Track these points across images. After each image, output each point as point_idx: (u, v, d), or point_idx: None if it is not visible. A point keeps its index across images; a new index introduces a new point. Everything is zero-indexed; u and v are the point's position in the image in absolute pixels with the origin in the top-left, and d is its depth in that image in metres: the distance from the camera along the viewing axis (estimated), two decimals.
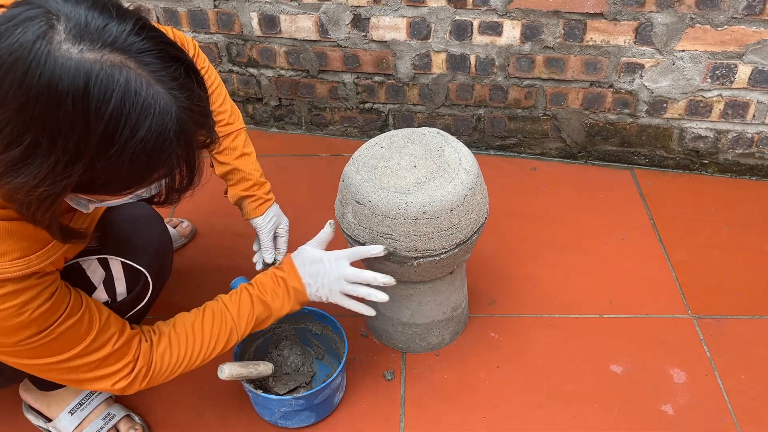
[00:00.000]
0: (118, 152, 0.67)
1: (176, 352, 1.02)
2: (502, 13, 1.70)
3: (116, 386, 0.97)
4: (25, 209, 0.72)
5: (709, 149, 1.84)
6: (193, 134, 0.73)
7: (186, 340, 1.04)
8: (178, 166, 0.74)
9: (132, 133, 0.67)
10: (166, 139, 0.69)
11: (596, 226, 1.71)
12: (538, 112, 1.87)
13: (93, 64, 0.64)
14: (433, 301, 1.32)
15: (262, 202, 1.31)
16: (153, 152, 0.69)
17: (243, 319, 1.08)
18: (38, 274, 0.84)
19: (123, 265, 1.06)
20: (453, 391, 1.34)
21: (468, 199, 1.16)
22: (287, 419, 1.25)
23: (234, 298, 1.09)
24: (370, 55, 1.84)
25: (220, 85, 1.27)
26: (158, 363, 1.00)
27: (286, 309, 1.12)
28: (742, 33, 1.61)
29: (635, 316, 1.48)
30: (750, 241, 1.66)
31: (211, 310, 1.08)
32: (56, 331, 0.87)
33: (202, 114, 0.74)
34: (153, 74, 0.68)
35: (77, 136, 0.65)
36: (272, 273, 1.12)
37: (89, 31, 0.65)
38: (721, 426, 1.27)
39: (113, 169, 0.69)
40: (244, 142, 1.28)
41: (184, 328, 1.04)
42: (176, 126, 0.70)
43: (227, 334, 1.07)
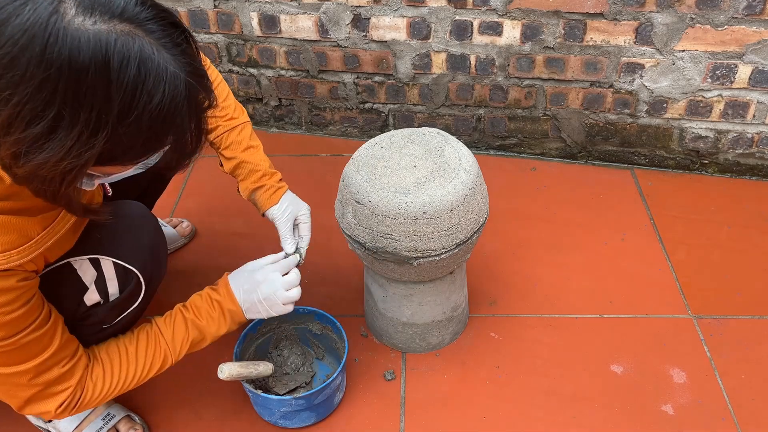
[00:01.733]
0: (136, 119, 0.69)
1: (109, 378, 1.02)
2: (502, 13, 1.70)
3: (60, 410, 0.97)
4: (47, 185, 0.73)
5: (709, 149, 1.84)
6: (198, 96, 0.76)
7: (120, 366, 1.04)
8: (189, 128, 0.76)
9: (149, 98, 0.69)
10: (178, 102, 0.71)
11: (596, 226, 1.71)
12: (538, 112, 1.87)
13: (108, 34, 0.66)
14: (433, 301, 1.32)
15: (275, 191, 1.27)
16: (168, 116, 0.71)
17: (177, 343, 1.09)
18: (19, 275, 0.84)
19: (115, 265, 1.06)
20: (453, 391, 1.34)
21: (468, 199, 1.16)
22: (287, 419, 1.25)
23: (168, 321, 1.10)
24: (370, 55, 1.84)
25: (222, 82, 1.26)
26: (90, 390, 1.00)
27: (222, 331, 1.12)
28: (743, 33, 1.61)
29: (635, 316, 1.48)
30: (750, 241, 1.66)
31: (146, 334, 1.08)
32: (21, 341, 0.87)
33: (202, 76, 0.76)
34: (159, 41, 0.70)
35: (99, 106, 0.67)
36: (207, 295, 1.13)
37: (98, 2, 0.67)
38: (721, 426, 1.27)
39: (132, 136, 0.71)
40: (249, 135, 1.27)
41: (117, 353, 1.05)
42: (185, 89, 0.72)
43: (161, 358, 1.08)
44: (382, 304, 1.36)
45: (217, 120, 1.24)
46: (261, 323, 1.31)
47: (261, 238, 1.66)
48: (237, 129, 1.25)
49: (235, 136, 1.25)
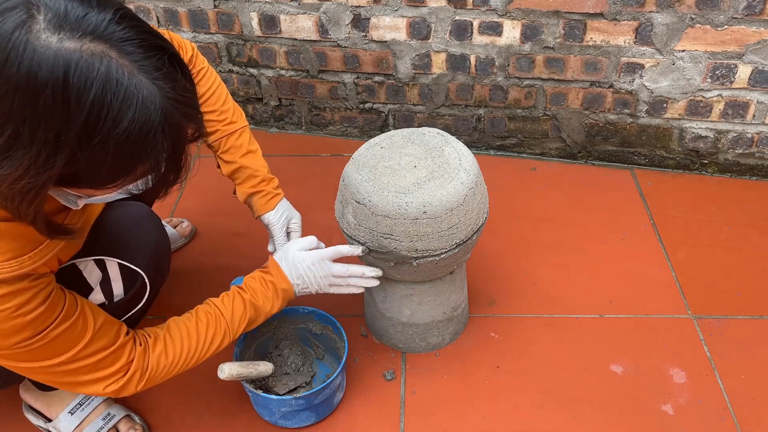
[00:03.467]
0: (100, 143, 0.66)
1: (171, 354, 1.03)
2: (502, 13, 1.70)
3: (108, 389, 0.97)
4: (8, 203, 0.71)
5: (709, 149, 1.84)
6: (180, 126, 0.72)
7: (181, 343, 1.05)
8: (165, 159, 0.72)
9: (114, 123, 0.66)
10: (150, 130, 0.68)
11: (596, 226, 1.71)
12: (538, 112, 1.87)
13: (72, 53, 0.63)
14: (433, 301, 1.32)
15: (272, 197, 1.29)
16: (137, 144, 0.68)
17: (236, 321, 1.10)
18: (32, 276, 0.83)
19: (120, 267, 1.06)
20: (453, 391, 1.34)
21: (468, 199, 1.16)
22: (287, 419, 1.25)
23: (227, 301, 1.11)
24: (370, 55, 1.84)
25: (221, 85, 1.26)
26: (154, 365, 1.01)
27: (276, 308, 1.15)
28: (742, 33, 1.61)
29: (635, 316, 1.48)
30: (750, 241, 1.66)
31: (205, 313, 1.09)
32: (51, 335, 0.87)
33: (188, 105, 0.72)
34: (135, 63, 0.67)
35: (58, 126, 0.64)
36: (260, 277, 1.15)
37: (69, 20, 0.64)
38: (721, 426, 1.27)
39: (97, 160, 0.68)
40: (248, 139, 1.28)
41: (179, 331, 1.05)
42: (161, 117, 0.68)
43: (221, 336, 1.09)
44: (382, 304, 1.36)
45: (215, 124, 1.24)
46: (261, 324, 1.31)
47: (261, 238, 1.66)
48: (236, 133, 1.26)
49: (234, 140, 1.26)
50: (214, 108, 1.23)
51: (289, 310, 1.33)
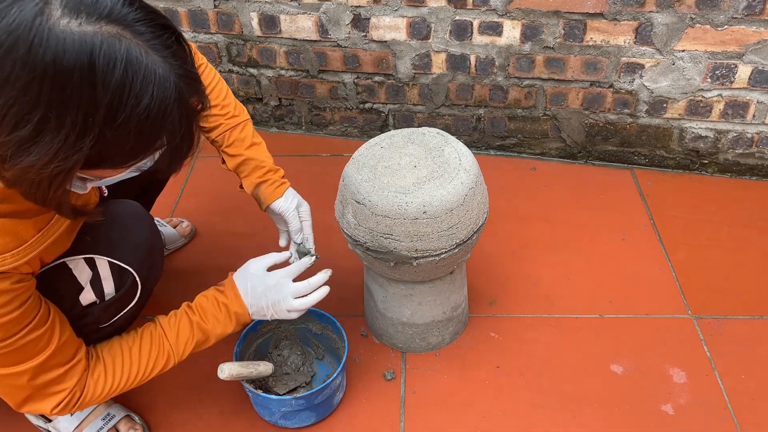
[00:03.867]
0: (124, 122, 0.68)
1: (110, 378, 1.02)
2: (502, 13, 1.70)
3: (57, 410, 0.97)
4: (35, 189, 0.72)
5: (709, 149, 1.84)
6: (190, 99, 0.75)
7: (122, 365, 1.03)
8: (180, 132, 0.75)
9: (137, 101, 0.68)
10: (168, 106, 0.71)
11: (596, 226, 1.71)
12: (538, 112, 1.87)
13: (94, 36, 0.65)
14: (433, 301, 1.32)
15: (279, 185, 1.27)
16: (156, 119, 0.71)
17: (181, 345, 1.08)
18: (13, 277, 0.84)
19: (110, 265, 1.05)
20: (453, 391, 1.34)
21: (468, 199, 1.16)
22: (287, 419, 1.25)
23: (173, 322, 1.09)
24: (370, 55, 1.84)
25: (221, 81, 1.26)
26: (91, 389, 1.00)
27: (229, 331, 1.12)
28: (742, 33, 1.61)
29: (635, 316, 1.48)
30: (750, 241, 1.66)
31: (149, 334, 1.07)
32: (18, 343, 0.87)
33: (194, 79, 0.76)
34: (148, 43, 0.69)
35: (85, 108, 0.66)
36: (214, 296, 1.11)
37: (84, 3, 0.66)
38: (721, 426, 1.27)
39: (121, 139, 0.70)
40: (252, 132, 1.27)
41: (120, 353, 1.04)
42: (175, 93, 0.71)
43: (164, 359, 1.07)
44: (382, 304, 1.36)
45: (218, 118, 1.24)
46: (261, 323, 1.31)
47: (261, 238, 1.66)
48: (239, 127, 1.25)
49: (238, 133, 1.25)
50: (216, 102, 1.23)
51: None
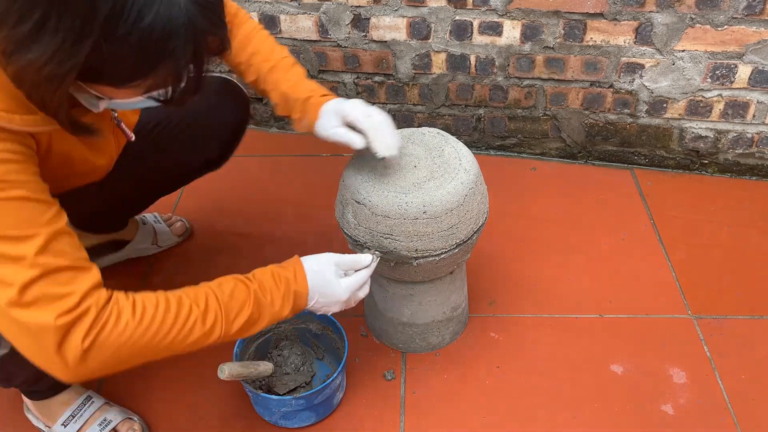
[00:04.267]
0: (124, 35, 0.68)
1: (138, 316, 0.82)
2: (502, 13, 1.70)
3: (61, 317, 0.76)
4: (34, 90, 0.73)
5: (709, 149, 1.84)
6: (203, 31, 0.74)
7: (155, 309, 0.84)
8: (185, 62, 0.74)
9: (139, 17, 0.68)
10: (174, 29, 0.70)
11: (596, 226, 1.71)
12: (538, 112, 1.87)
13: None
14: (433, 301, 1.32)
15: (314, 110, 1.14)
16: (160, 41, 0.70)
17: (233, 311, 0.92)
18: (12, 134, 0.78)
19: None
20: (453, 391, 1.34)
21: (468, 199, 1.16)
22: (287, 419, 1.25)
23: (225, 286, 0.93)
24: (370, 55, 1.84)
25: (262, 30, 1.21)
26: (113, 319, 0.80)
27: (283, 314, 0.98)
28: (742, 33, 1.61)
29: (635, 316, 1.48)
30: (750, 241, 1.66)
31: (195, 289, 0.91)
32: (12, 192, 0.76)
33: (213, 12, 0.74)
34: None
35: (83, 14, 0.67)
36: (272, 271, 0.99)
37: None
38: (721, 426, 1.27)
39: (120, 54, 0.70)
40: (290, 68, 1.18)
41: (155, 296, 0.86)
42: (185, 18, 0.71)
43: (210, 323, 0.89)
44: (382, 304, 1.36)
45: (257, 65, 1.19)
46: None
47: (261, 238, 1.66)
48: (277, 67, 1.18)
49: (276, 74, 1.18)
50: (255, 49, 1.19)
51: None
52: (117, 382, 1.37)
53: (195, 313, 0.87)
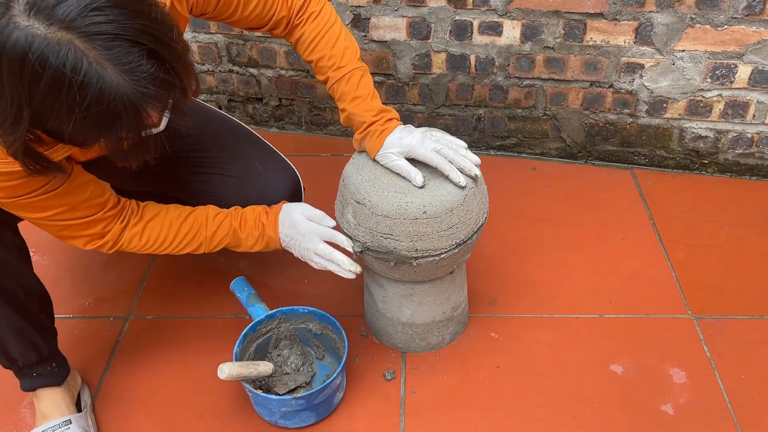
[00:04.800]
0: (58, 120, 0.75)
1: (145, 239, 1.15)
2: (502, 13, 1.70)
3: (87, 246, 1.12)
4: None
5: (709, 149, 1.84)
6: (141, 111, 0.78)
7: (158, 235, 1.15)
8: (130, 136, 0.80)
9: (70, 107, 0.73)
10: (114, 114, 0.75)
11: (596, 226, 1.71)
12: (538, 112, 1.87)
13: (35, 38, 0.70)
14: (433, 301, 1.32)
15: (379, 134, 1.17)
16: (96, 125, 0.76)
17: (215, 241, 1.19)
18: None
19: None
20: (453, 391, 1.34)
21: (468, 199, 1.16)
22: (287, 419, 1.25)
23: (217, 219, 1.18)
24: (370, 55, 1.84)
25: (333, 27, 1.18)
26: (126, 241, 1.14)
27: (256, 248, 1.21)
28: (742, 33, 1.61)
29: (635, 316, 1.48)
30: (750, 241, 1.66)
31: (193, 220, 1.17)
32: (25, 201, 0.97)
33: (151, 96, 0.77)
34: (105, 54, 0.72)
35: (18, 101, 0.73)
36: (258, 213, 1.20)
37: (44, 7, 0.70)
38: (721, 426, 1.27)
39: (59, 132, 0.77)
40: (357, 83, 1.18)
41: (160, 225, 1.15)
42: (125, 102, 0.75)
43: (196, 244, 1.18)
44: (382, 304, 1.36)
45: (326, 70, 1.19)
46: (261, 323, 1.31)
47: None
48: (344, 78, 1.18)
49: (344, 86, 1.18)
50: (323, 54, 1.18)
51: (289, 309, 1.33)
52: (117, 382, 1.37)
53: (186, 239, 1.17)
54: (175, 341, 1.45)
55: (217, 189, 1.31)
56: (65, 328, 1.45)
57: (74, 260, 1.63)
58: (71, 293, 1.55)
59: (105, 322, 1.50)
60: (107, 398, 1.35)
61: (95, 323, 1.50)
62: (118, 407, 1.33)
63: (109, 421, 1.31)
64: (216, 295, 1.52)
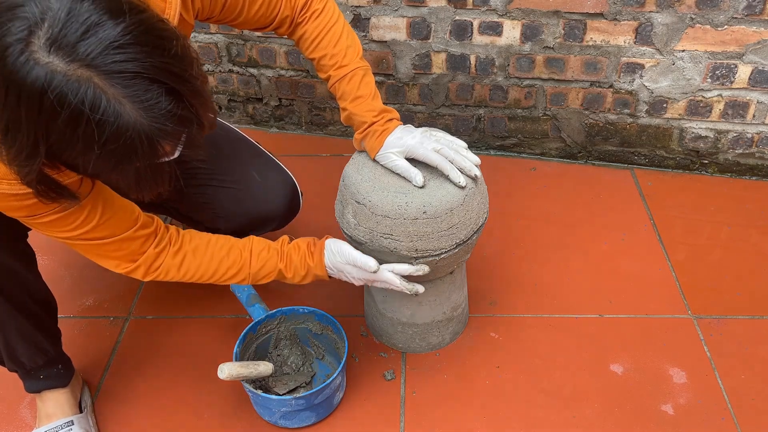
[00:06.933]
0: (74, 156, 0.75)
1: (185, 270, 1.11)
2: (502, 13, 1.70)
3: (118, 269, 1.07)
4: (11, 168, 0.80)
5: (709, 149, 1.84)
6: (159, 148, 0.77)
7: (198, 267, 1.11)
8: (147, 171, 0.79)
9: (87, 144, 0.72)
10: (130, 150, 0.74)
11: (596, 226, 1.71)
12: (538, 112, 1.87)
13: (55, 75, 0.69)
14: (433, 301, 1.32)
15: (379, 135, 1.16)
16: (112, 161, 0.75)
17: (259, 277, 1.15)
18: None
19: None
20: (453, 391, 1.34)
21: (468, 199, 1.16)
22: (287, 419, 1.25)
23: (263, 257, 1.14)
24: (370, 55, 1.84)
25: (336, 24, 1.18)
26: (164, 271, 1.10)
27: (304, 282, 1.18)
28: (742, 33, 1.61)
29: (635, 316, 1.48)
30: (750, 241, 1.66)
31: (237, 255, 1.13)
32: (48, 218, 0.94)
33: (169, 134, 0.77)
34: (124, 91, 0.71)
35: (34, 136, 0.72)
36: (304, 253, 1.15)
37: (65, 44, 0.69)
38: (721, 426, 1.27)
39: (75, 165, 0.77)
40: (359, 83, 1.17)
41: (203, 256, 1.12)
42: (143, 140, 0.74)
43: (240, 278, 1.15)
44: (382, 304, 1.36)
45: (327, 69, 1.19)
46: (261, 323, 1.31)
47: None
48: (346, 78, 1.18)
49: (345, 85, 1.18)
50: (325, 52, 1.18)
51: (289, 309, 1.33)
52: (117, 382, 1.37)
53: (229, 273, 1.13)
54: (175, 341, 1.45)
55: (216, 200, 1.31)
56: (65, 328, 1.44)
57: (75, 260, 1.63)
58: (71, 293, 1.55)
59: (105, 322, 1.50)
60: (107, 398, 1.35)
61: (95, 323, 1.50)
62: (118, 407, 1.33)
63: (110, 421, 1.31)
64: (216, 295, 1.51)
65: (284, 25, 1.18)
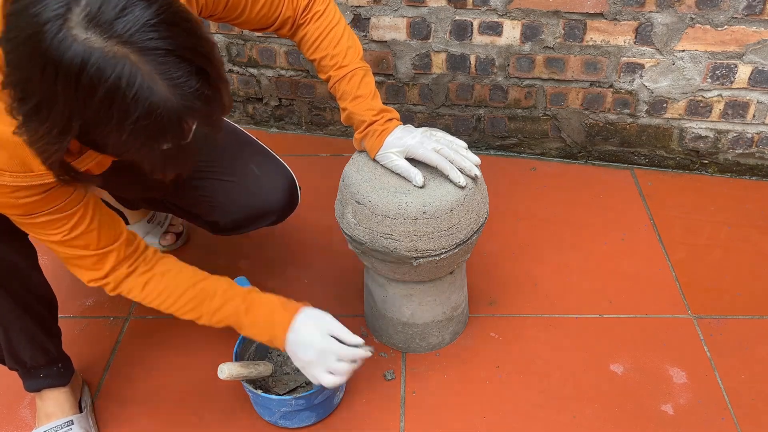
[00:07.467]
0: (106, 133, 0.76)
1: (144, 294, 1.10)
2: (502, 13, 1.70)
3: (90, 283, 1.08)
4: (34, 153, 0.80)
5: (709, 149, 1.84)
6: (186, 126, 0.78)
7: (158, 293, 1.10)
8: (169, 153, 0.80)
9: (120, 120, 0.73)
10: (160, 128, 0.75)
11: (596, 226, 1.71)
12: (538, 112, 1.87)
13: (93, 51, 0.70)
14: (433, 301, 1.32)
15: (379, 135, 1.17)
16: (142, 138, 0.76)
17: (214, 319, 1.12)
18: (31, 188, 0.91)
19: None
20: (453, 391, 1.34)
21: (468, 199, 1.16)
22: (287, 419, 1.25)
23: (226, 297, 1.12)
24: (370, 55, 1.84)
25: (337, 25, 1.19)
26: (126, 290, 1.09)
27: (257, 340, 1.17)
28: (742, 33, 1.61)
29: (635, 316, 1.48)
30: (750, 241, 1.66)
31: (201, 288, 1.11)
32: (40, 219, 0.96)
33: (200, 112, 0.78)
34: (154, 69, 0.72)
35: (69, 112, 0.73)
36: (270, 312, 1.13)
37: (103, 21, 0.70)
38: (721, 426, 1.27)
39: (103, 143, 0.79)
40: (359, 83, 1.18)
41: (166, 283, 1.10)
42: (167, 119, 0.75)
43: (196, 316, 1.12)
44: (382, 304, 1.36)
45: (328, 69, 1.19)
46: None
47: (260, 238, 1.66)
48: (346, 78, 1.18)
49: (345, 85, 1.19)
50: (326, 53, 1.18)
51: None
52: (117, 382, 1.37)
53: (187, 307, 1.11)
54: (175, 341, 1.45)
55: (214, 194, 1.31)
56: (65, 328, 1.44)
57: None
58: (71, 293, 1.55)
59: (105, 322, 1.50)
60: (107, 398, 1.35)
61: (95, 323, 1.50)
62: (118, 407, 1.33)
63: (109, 421, 1.31)
64: None
65: (286, 26, 1.18)
